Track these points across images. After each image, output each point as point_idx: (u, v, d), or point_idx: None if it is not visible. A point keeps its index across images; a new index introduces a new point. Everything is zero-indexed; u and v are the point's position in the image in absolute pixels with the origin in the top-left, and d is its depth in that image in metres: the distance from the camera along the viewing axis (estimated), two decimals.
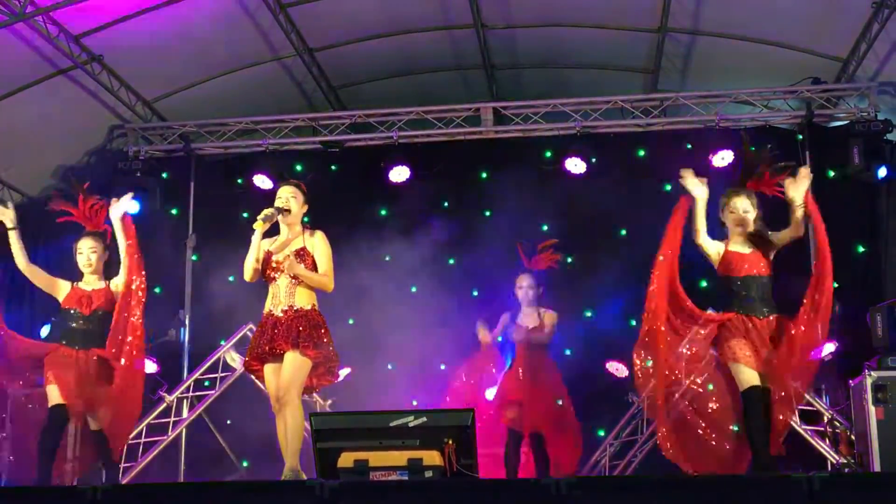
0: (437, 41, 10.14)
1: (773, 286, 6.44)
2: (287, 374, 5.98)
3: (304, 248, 6.18)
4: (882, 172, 9.30)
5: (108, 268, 7.12)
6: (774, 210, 6.66)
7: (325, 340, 6.10)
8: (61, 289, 7.06)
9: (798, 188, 6.31)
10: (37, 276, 7.07)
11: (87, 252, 7.01)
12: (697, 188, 6.40)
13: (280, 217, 6.23)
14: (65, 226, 7.33)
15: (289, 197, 6.27)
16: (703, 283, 8.16)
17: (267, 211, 6.19)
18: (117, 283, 7.00)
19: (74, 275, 7.20)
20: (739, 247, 6.42)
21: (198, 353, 9.80)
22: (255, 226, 6.14)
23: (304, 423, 6.06)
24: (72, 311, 6.96)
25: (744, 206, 6.39)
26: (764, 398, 6.21)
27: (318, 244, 6.22)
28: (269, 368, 6.10)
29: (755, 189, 6.53)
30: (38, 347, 7.06)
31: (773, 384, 6.25)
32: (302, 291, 6.13)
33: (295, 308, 6.08)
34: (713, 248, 6.47)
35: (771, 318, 6.33)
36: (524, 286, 8.30)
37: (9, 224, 7.00)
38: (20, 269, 7.05)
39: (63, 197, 7.37)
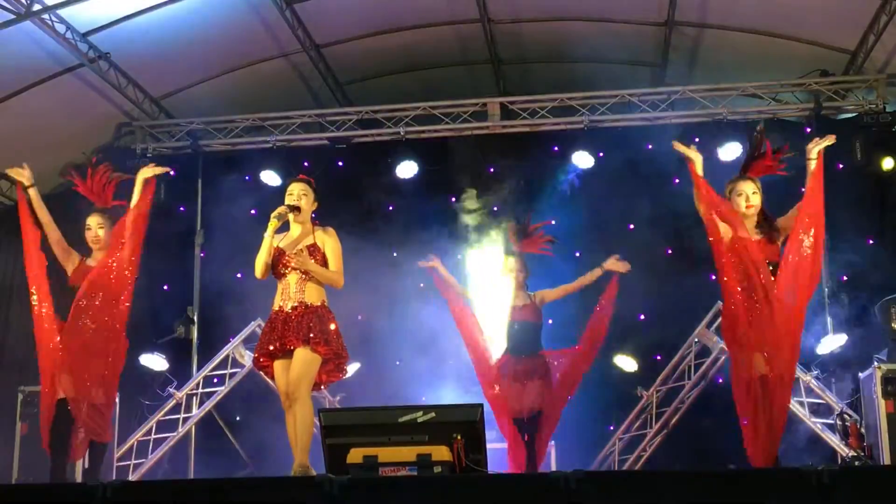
0: (444, 36, 10.14)
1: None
2: (297, 370, 5.99)
3: (314, 245, 6.18)
4: (889, 164, 9.27)
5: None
6: (778, 198, 6.68)
7: (334, 337, 6.09)
8: (72, 262, 6.98)
9: (818, 143, 6.48)
10: (57, 238, 6.95)
11: (94, 228, 6.93)
12: (691, 151, 6.44)
13: (290, 214, 6.24)
14: (74, 219, 7.32)
15: (300, 194, 6.27)
16: None
17: (280, 209, 6.20)
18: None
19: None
20: (747, 233, 6.39)
21: (207, 350, 9.82)
22: (269, 223, 6.13)
23: (314, 419, 6.06)
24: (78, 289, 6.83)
25: (751, 189, 6.36)
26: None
27: (329, 241, 6.23)
28: (278, 365, 6.10)
29: (758, 175, 6.53)
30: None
31: (770, 365, 6.17)
32: (312, 288, 6.13)
33: (305, 304, 6.09)
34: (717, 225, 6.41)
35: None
36: (514, 269, 8.26)
37: (26, 182, 6.92)
38: (43, 225, 6.89)
39: (76, 170, 7.30)
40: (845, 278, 9.44)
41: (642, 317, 9.77)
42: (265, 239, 6.17)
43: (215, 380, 9.44)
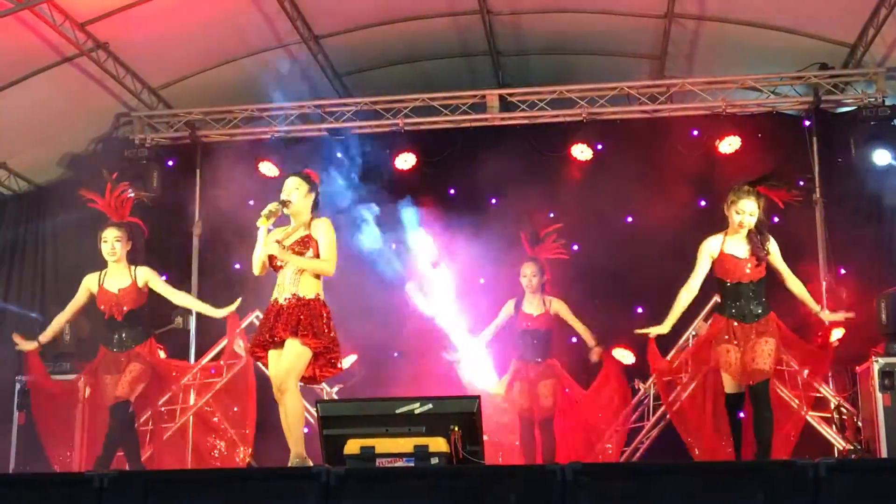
0: (443, 28, 10.12)
1: (765, 285, 6.56)
2: (286, 362, 5.97)
3: (308, 236, 6.17)
4: (885, 158, 9.27)
5: (132, 256, 7.28)
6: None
7: (325, 330, 6.05)
8: (90, 288, 7.34)
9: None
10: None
11: (111, 241, 7.21)
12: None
13: (284, 208, 6.21)
14: (71, 211, 7.44)
15: (292, 189, 6.25)
16: None
17: (270, 206, 6.17)
18: (147, 278, 7.33)
19: (86, 260, 7.33)
20: (735, 248, 6.53)
21: (204, 341, 9.81)
22: (258, 223, 6.13)
23: (304, 409, 6.05)
24: (106, 317, 7.31)
25: (750, 209, 6.48)
26: (739, 405, 6.41)
27: (321, 230, 6.19)
28: (272, 355, 6.09)
29: (765, 193, 6.60)
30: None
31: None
32: (306, 280, 6.11)
33: (298, 296, 6.07)
34: (707, 263, 6.59)
35: (760, 320, 6.44)
36: (528, 274, 8.40)
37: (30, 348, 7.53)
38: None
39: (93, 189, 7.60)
40: (843, 272, 9.44)
41: (640, 310, 9.76)
42: (259, 237, 6.16)
43: (213, 370, 9.42)
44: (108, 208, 7.38)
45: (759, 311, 6.50)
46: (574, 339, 9.26)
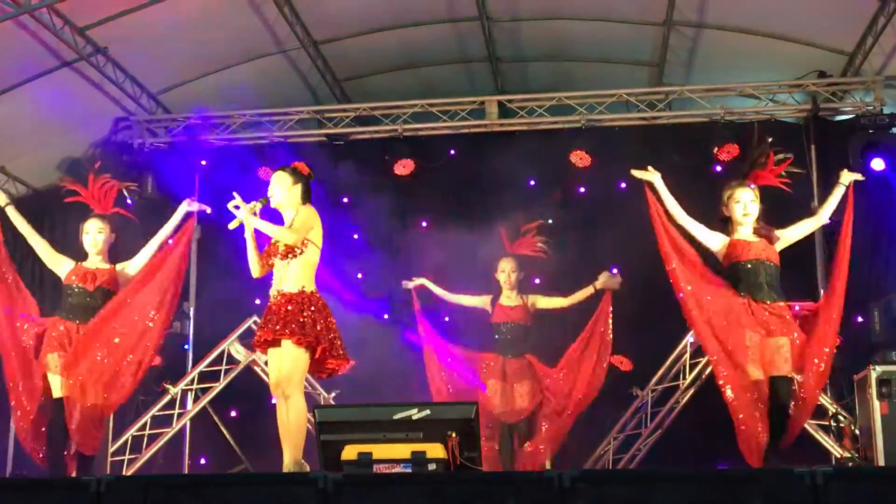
0: (442, 34, 10.13)
1: (779, 276, 6.48)
2: (284, 365, 5.87)
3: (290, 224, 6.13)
4: (880, 166, 9.29)
5: (114, 251, 7.08)
6: (778, 207, 6.69)
7: (310, 322, 5.84)
8: (64, 265, 6.99)
9: (849, 175, 6.54)
10: (41, 246, 7.04)
11: (93, 233, 6.95)
12: (647, 175, 6.47)
13: (260, 205, 6.15)
14: (71, 216, 7.34)
15: (274, 183, 6.18)
16: None
17: (248, 206, 6.12)
18: (125, 266, 7.00)
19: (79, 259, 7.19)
20: (745, 236, 6.43)
21: (202, 346, 9.81)
22: (229, 226, 6.07)
23: (307, 415, 6.02)
24: (75, 287, 6.86)
25: (749, 197, 6.40)
26: (773, 389, 6.23)
27: (298, 216, 6.04)
28: (271, 353, 5.97)
29: (757, 184, 6.56)
30: (41, 325, 6.93)
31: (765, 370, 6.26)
32: (292, 274, 5.93)
33: (283, 293, 5.93)
34: (710, 237, 6.49)
35: (780, 303, 6.32)
36: (506, 270, 8.25)
37: (2, 202, 7.01)
38: (26, 239, 7.00)
39: (74, 179, 7.37)
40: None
41: (636, 316, 9.75)
42: (247, 240, 6.13)
43: (210, 375, 9.42)
44: (91, 199, 7.11)
45: (776, 294, 6.26)
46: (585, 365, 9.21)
